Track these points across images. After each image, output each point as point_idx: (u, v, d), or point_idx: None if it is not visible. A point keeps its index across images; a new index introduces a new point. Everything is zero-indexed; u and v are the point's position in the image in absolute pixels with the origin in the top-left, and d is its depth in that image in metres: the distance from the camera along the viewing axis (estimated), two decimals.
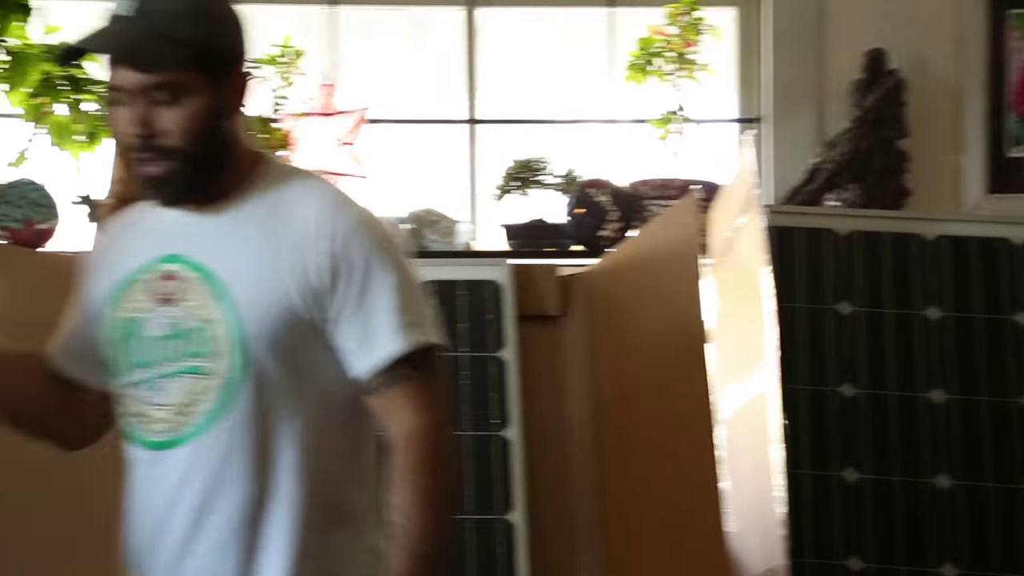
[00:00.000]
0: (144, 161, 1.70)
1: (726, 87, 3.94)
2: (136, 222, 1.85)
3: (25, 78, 3.45)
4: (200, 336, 1.73)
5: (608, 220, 3.39)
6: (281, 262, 1.75)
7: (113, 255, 1.84)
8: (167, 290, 1.75)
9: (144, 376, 1.75)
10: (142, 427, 1.75)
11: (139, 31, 1.66)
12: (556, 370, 2.95)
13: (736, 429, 2.69)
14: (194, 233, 1.77)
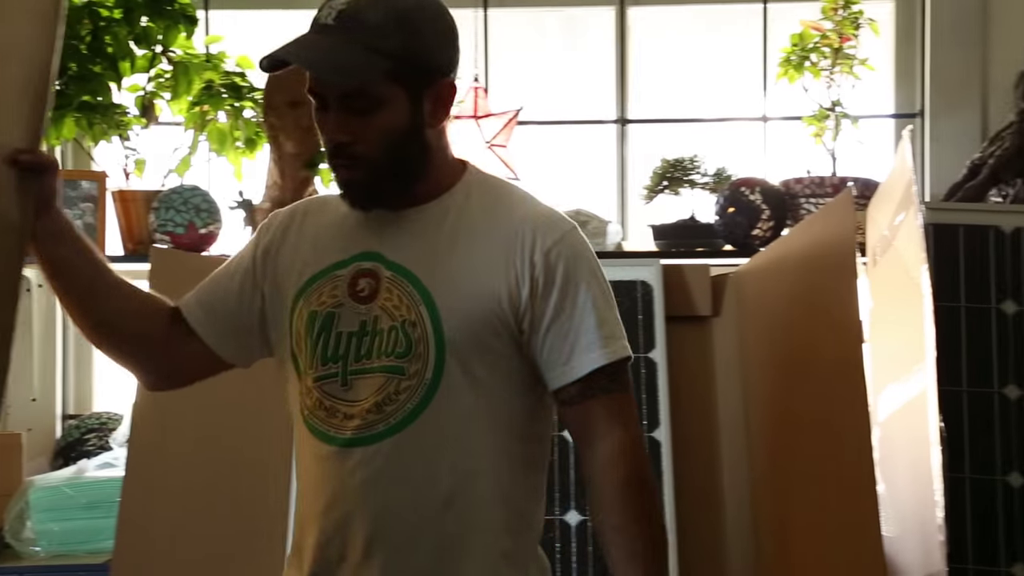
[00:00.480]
0: (338, 166, 1.76)
1: (883, 81, 3.85)
2: (330, 215, 1.86)
3: (187, 87, 3.57)
4: (397, 336, 1.75)
5: (760, 219, 3.34)
6: (487, 270, 1.78)
7: (304, 244, 1.85)
8: (363, 287, 1.77)
9: (334, 371, 1.77)
10: (332, 422, 1.76)
11: (340, 41, 1.69)
12: (706, 371, 2.93)
13: (893, 432, 2.63)
14: (395, 234, 1.79)
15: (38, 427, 3.78)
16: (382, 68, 1.69)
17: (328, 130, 1.74)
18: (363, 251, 1.79)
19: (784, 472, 2.69)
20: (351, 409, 1.75)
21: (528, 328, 1.78)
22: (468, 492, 1.77)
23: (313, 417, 1.77)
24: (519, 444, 1.83)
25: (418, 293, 1.76)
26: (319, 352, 1.77)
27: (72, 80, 3.47)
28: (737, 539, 2.77)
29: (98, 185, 3.55)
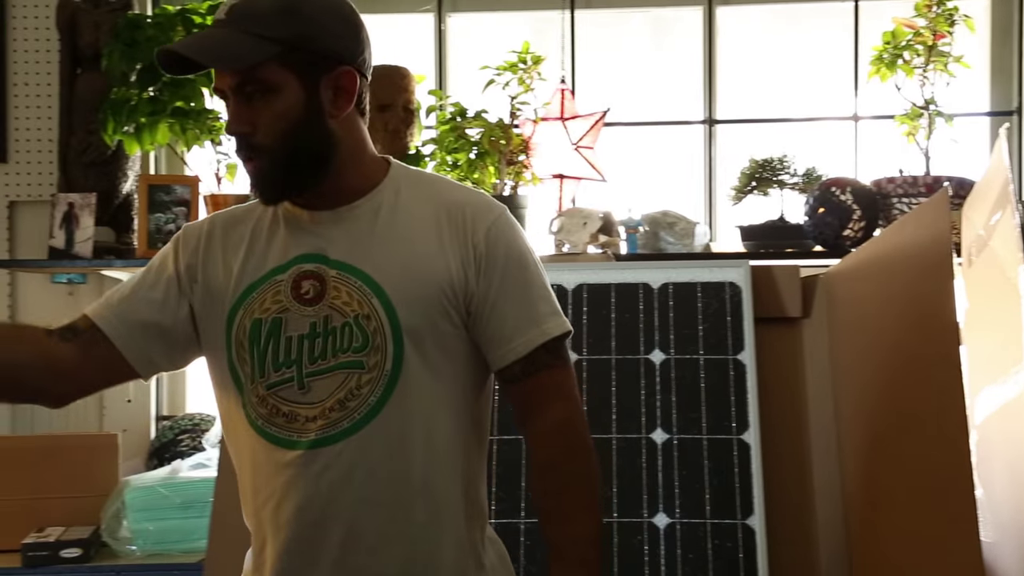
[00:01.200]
0: (243, 159, 1.76)
1: (979, 79, 3.77)
2: (253, 224, 1.85)
3: None
4: (352, 331, 1.76)
5: (851, 220, 3.29)
6: (431, 255, 1.80)
7: (231, 255, 1.83)
8: (307, 290, 1.77)
9: (289, 376, 1.76)
10: (292, 427, 1.75)
11: (229, 32, 1.71)
12: (797, 373, 2.89)
13: (990, 435, 2.57)
14: (334, 234, 1.80)
15: (133, 428, 3.86)
16: (269, 53, 1.71)
17: (228, 123, 1.75)
18: (303, 253, 1.79)
19: (877, 476, 2.65)
20: (312, 411, 1.75)
21: (474, 309, 1.81)
22: (436, 480, 1.79)
23: (270, 425, 1.76)
24: (473, 428, 1.86)
25: (367, 287, 1.77)
26: (269, 359, 1.76)
27: (166, 86, 3.54)
28: (828, 544, 2.73)
29: (191, 189, 3.62)
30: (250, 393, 1.77)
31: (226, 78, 1.73)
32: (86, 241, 3.58)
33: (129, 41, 3.53)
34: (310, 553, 1.76)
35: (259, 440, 1.76)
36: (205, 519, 2.75)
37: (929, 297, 2.52)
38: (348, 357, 1.76)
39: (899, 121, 3.50)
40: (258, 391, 1.76)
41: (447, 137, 3.55)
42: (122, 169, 3.74)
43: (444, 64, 4.05)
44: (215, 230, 1.86)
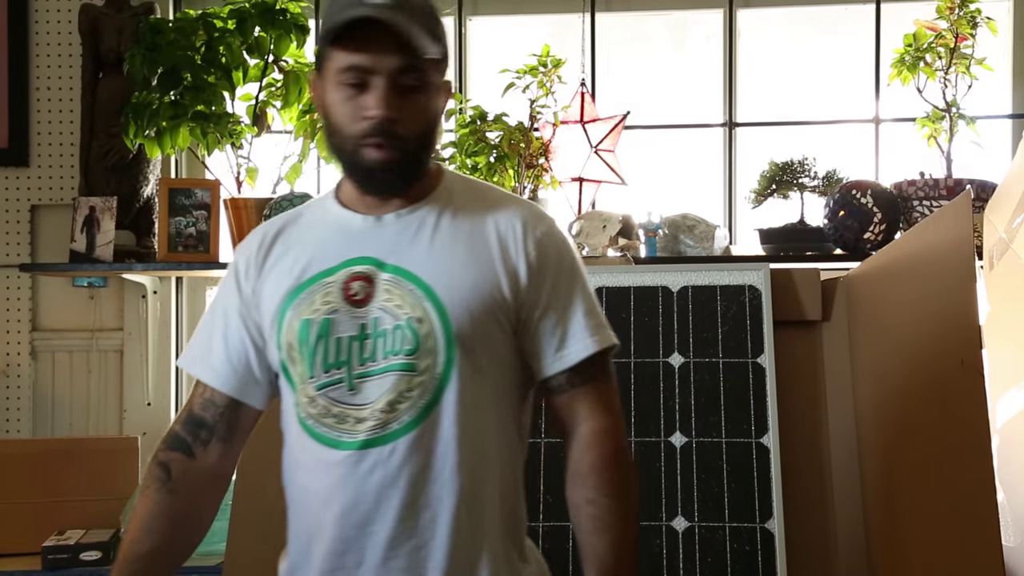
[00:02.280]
0: (377, 146, 1.74)
1: (1001, 81, 3.75)
2: (304, 230, 1.87)
3: (298, 96, 3.62)
4: (403, 334, 1.76)
5: (872, 223, 3.28)
6: (485, 262, 1.81)
7: (284, 261, 1.85)
8: (356, 291, 1.78)
9: (339, 376, 1.77)
10: (342, 428, 1.76)
11: (404, 17, 1.71)
12: (816, 376, 2.88)
13: (1012, 438, 2.56)
14: (387, 238, 1.81)
15: (153, 431, 3.86)
16: (439, 53, 1.77)
17: (370, 106, 1.73)
18: (355, 256, 1.80)
19: (897, 479, 2.63)
20: (361, 412, 1.75)
21: (524, 317, 1.83)
22: (480, 487, 1.79)
23: (320, 425, 1.77)
24: (517, 437, 1.88)
25: (421, 291, 1.78)
26: (319, 359, 1.77)
27: (187, 90, 3.55)
28: (848, 547, 2.72)
29: (211, 193, 3.63)
30: (300, 393, 1.79)
31: (386, 60, 1.72)
32: (107, 244, 3.60)
33: (151, 45, 3.55)
34: (356, 553, 1.77)
35: (308, 439, 1.78)
36: (224, 522, 2.75)
37: (951, 300, 2.51)
38: (399, 359, 1.76)
39: (920, 124, 3.48)
40: (308, 391, 1.78)
41: (467, 140, 3.56)
42: (143, 173, 3.76)
43: (464, 67, 4.05)
44: (264, 241, 1.88)
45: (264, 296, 1.84)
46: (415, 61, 1.73)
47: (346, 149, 1.77)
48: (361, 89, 1.73)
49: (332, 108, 1.76)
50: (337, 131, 1.77)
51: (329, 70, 1.75)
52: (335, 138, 1.78)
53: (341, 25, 1.70)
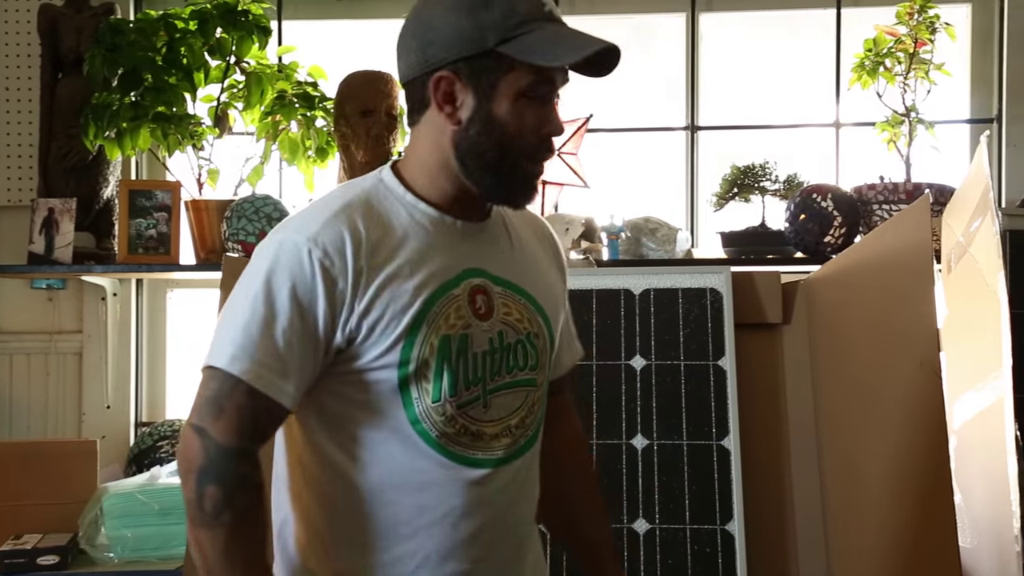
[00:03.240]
0: (541, 160, 1.71)
1: (959, 86, 3.79)
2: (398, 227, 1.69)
3: (260, 97, 3.61)
4: (525, 349, 1.75)
5: (832, 226, 3.30)
6: (551, 275, 1.89)
7: (385, 267, 1.65)
8: (480, 305, 1.71)
9: (476, 394, 1.70)
10: (478, 446, 1.70)
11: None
12: (777, 379, 2.90)
13: (968, 440, 2.58)
14: (484, 248, 1.76)
15: (112, 434, 3.84)
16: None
17: (551, 121, 1.71)
18: (468, 268, 1.71)
19: (857, 481, 2.65)
20: (494, 429, 1.71)
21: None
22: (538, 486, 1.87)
23: (454, 444, 1.68)
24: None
25: (531, 305, 1.78)
26: (461, 377, 1.68)
27: (148, 91, 3.52)
28: (807, 549, 2.73)
29: (172, 195, 3.60)
30: (431, 411, 1.66)
31: (566, 80, 1.75)
32: (66, 247, 3.56)
33: (111, 46, 3.52)
34: (490, 570, 1.74)
35: (436, 458, 1.68)
36: (183, 526, 2.73)
37: (910, 303, 2.53)
38: (525, 375, 1.75)
39: (880, 128, 3.51)
40: (446, 410, 1.66)
41: None
42: (103, 174, 3.73)
43: None
44: (358, 242, 1.64)
45: (376, 311, 1.63)
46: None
47: (510, 158, 1.67)
48: (538, 102, 1.69)
49: (507, 121, 1.66)
50: (505, 144, 1.66)
51: (511, 80, 1.66)
52: (498, 150, 1.67)
53: (585, 57, 1.69)
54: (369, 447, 1.68)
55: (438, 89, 1.67)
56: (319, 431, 1.70)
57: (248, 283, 1.63)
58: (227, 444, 1.58)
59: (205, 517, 1.57)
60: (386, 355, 1.64)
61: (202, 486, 1.57)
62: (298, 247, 1.61)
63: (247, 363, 1.57)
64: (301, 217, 1.68)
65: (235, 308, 1.62)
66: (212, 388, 1.60)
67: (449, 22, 1.66)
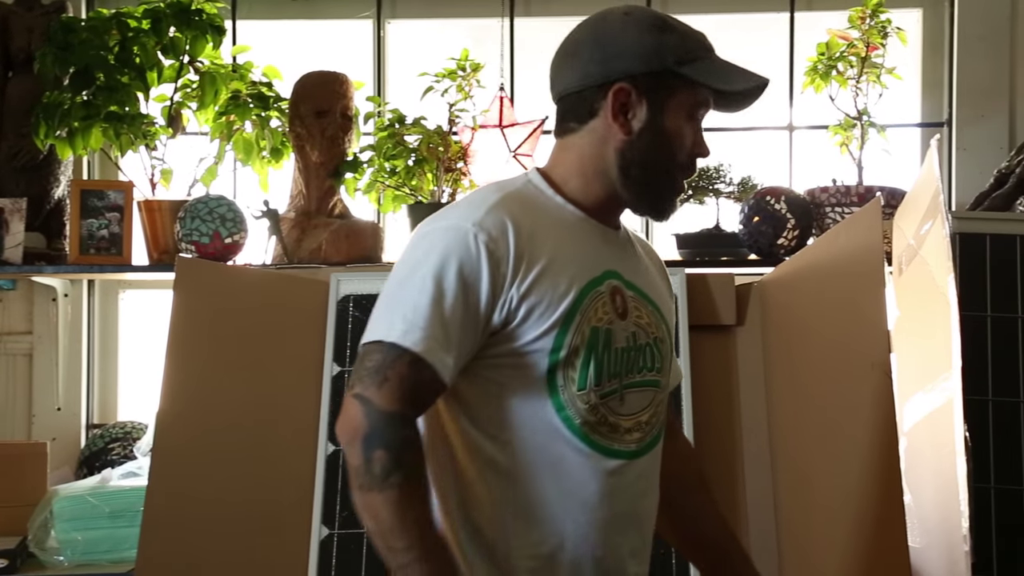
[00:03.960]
0: (687, 176, 1.85)
1: (910, 90, 3.83)
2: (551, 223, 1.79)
3: (214, 97, 3.59)
4: (653, 352, 1.85)
5: (785, 228, 3.32)
6: (666, 292, 1.98)
7: (540, 259, 1.73)
8: (619, 304, 1.80)
9: (615, 387, 1.78)
10: (614, 437, 1.78)
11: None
12: (730, 380, 2.91)
13: (919, 441, 2.60)
14: (617, 252, 1.87)
15: (63, 436, 3.81)
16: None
17: (703, 143, 1.85)
18: (607, 269, 1.81)
19: (808, 481, 2.67)
20: (627, 422, 1.80)
21: None
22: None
23: (594, 433, 1.76)
24: None
25: (656, 312, 1.88)
26: (605, 368, 1.76)
27: (100, 90, 3.49)
28: (761, 550, 2.75)
29: (124, 195, 3.57)
30: (576, 399, 1.74)
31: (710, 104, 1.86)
32: (16, 247, 3.52)
33: (63, 45, 3.49)
34: (611, 558, 1.81)
35: (577, 446, 1.75)
36: (135, 528, 2.72)
37: (861, 305, 2.55)
38: (653, 376, 1.85)
39: (833, 131, 3.54)
40: (590, 399, 1.75)
41: (385, 144, 3.54)
42: (54, 174, 3.69)
43: (382, 70, 4.04)
44: (519, 234, 1.73)
45: (535, 295, 1.72)
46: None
47: (668, 172, 1.82)
48: (696, 123, 1.84)
49: (675, 135, 1.81)
50: (672, 157, 1.81)
51: (682, 98, 1.81)
52: (665, 163, 1.81)
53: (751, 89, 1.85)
54: (514, 430, 1.75)
55: (616, 99, 1.79)
56: (464, 412, 1.77)
57: (415, 265, 1.71)
58: (390, 409, 1.64)
59: (375, 480, 1.62)
60: (540, 340, 1.72)
61: (369, 451, 1.62)
62: (465, 231, 1.70)
63: (417, 335, 1.65)
64: (461, 207, 1.77)
65: (402, 288, 1.71)
66: (375, 360, 1.66)
67: (633, 39, 1.79)
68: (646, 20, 1.81)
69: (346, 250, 3.44)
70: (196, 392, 2.79)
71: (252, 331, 2.88)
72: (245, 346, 2.86)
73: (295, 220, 3.55)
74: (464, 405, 1.77)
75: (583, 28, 1.86)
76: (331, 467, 2.76)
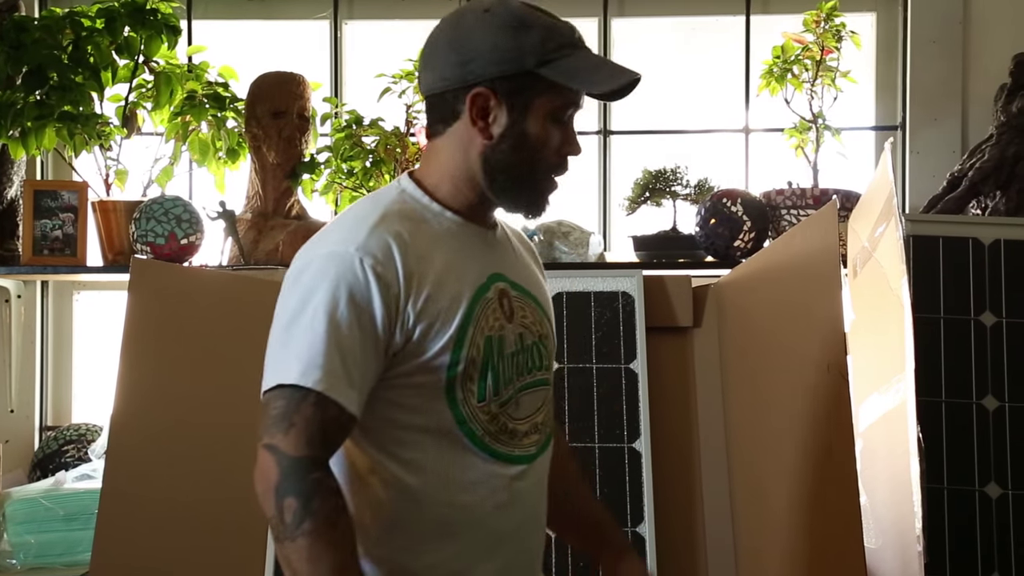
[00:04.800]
0: (560, 175, 1.83)
1: (864, 94, 3.86)
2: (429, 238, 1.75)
3: (169, 97, 3.56)
4: (540, 351, 1.86)
5: (742, 231, 3.34)
6: (542, 281, 1.98)
7: (428, 274, 1.71)
8: (507, 308, 1.80)
9: (511, 393, 1.78)
10: (514, 443, 1.79)
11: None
12: (687, 382, 2.93)
13: (873, 442, 2.63)
14: (500, 253, 1.87)
15: (16, 439, 3.77)
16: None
17: (573, 142, 1.81)
18: (493, 272, 1.81)
19: (765, 483, 2.69)
20: (523, 426, 1.81)
21: None
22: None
23: (496, 442, 1.77)
24: None
25: (539, 309, 1.89)
26: (502, 377, 1.77)
27: (53, 90, 3.46)
28: (717, 550, 2.77)
29: (79, 195, 3.54)
30: (476, 411, 1.74)
31: (581, 104, 1.82)
32: None
33: (15, 44, 3.45)
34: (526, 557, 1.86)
35: (482, 456, 1.76)
36: (89, 532, 2.70)
37: (817, 307, 2.57)
38: (542, 375, 1.86)
39: (788, 134, 3.56)
40: (490, 409, 1.75)
41: (342, 145, 3.53)
42: (7, 174, 3.65)
43: (339, 71, 4.03)
44: (404, 251, 1.70)
45: (428, 312, 1.69)
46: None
47: (537, 174, 1.79)
48: (563, 123, 1.80)
49: (536, 138, 1.76)
50: (535, 160, 1.78)
51: (545, 100, 1.76)
52: (528, 165, 1.78)
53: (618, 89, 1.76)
54: (418, 449, 1.73)
55: (474, 104, 1.74)
56: (367, 436, 1.74)
57: (302, 299, 1.66)
58: (299, 455, 1.59)
59: (287, 530, 1.58)
60: (439, 356, 1.70)
61: (280, 500, 1.58)
62: (349, 257, 1.66)
63: (316, 374, 1.61)
64: (340, 230, 1.72)
65: (293, 326, 1.65)
66: (279, 406, 1.62)
67: (490, 41, 1.73)
68: (504, 18, 1.74)
69: None
70: (151, 394, 2.77)
71: (208, 333, 2.87)
72: (201, 348, 2.85)
73: (252, 221, 3.53)
74: (365, 430, 1.73)
75: (442, 27, 1.80)
76: None
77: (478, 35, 1.74)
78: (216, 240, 3.46)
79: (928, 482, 2.65)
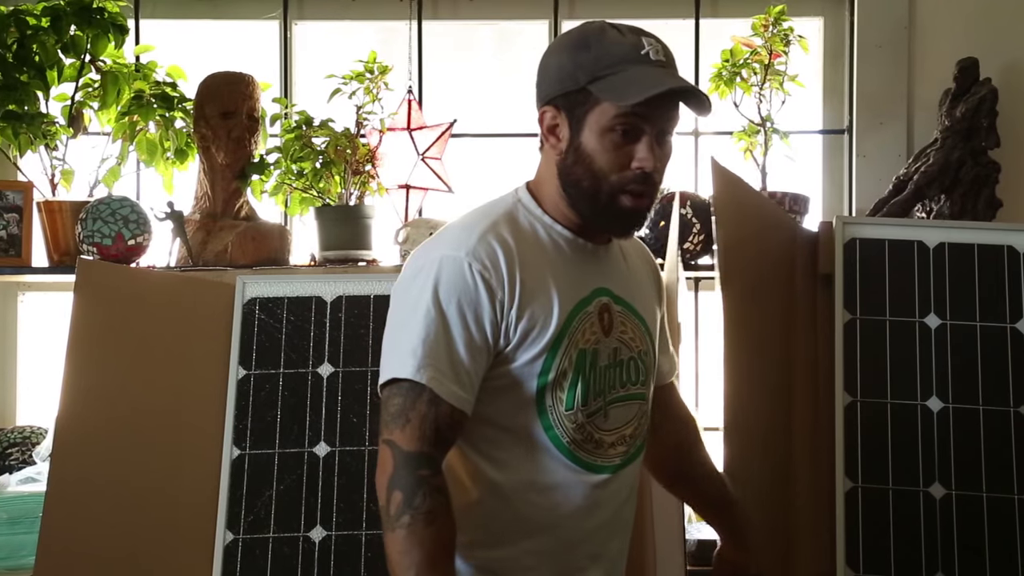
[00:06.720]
0: (637, 195, 1.82)
1: (812, 97, 3.90)
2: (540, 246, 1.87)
3: (116, 97, 3.53)
4: (637, 366, 1.92)
5: (691, 233, 3.36)
6: (653, 297, 2.04)
7: (538, 282, 1.82)
8: (606, 322, 1.87)
9: (599, 405, 1.85)
10: (598, 452, 1.86)
11: (678, 76, 1.85)
12: None
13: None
14: (609, 270, 1.93)
15: None
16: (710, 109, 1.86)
17: (641, 157, 1.80)
18: (597, 287, 1.88)
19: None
20: (610, 437, 1.88)
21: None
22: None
23: (580, 450, 1.85)
24: None
25: (642, 326, 1.95)
26: (591, 388, 1.84)
27: None
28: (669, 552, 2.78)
29: (24, 195, 3.50)
30: (563, 419, 1.83)
31: (662, 118, 1.80)
32: None
33: None
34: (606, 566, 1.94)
35: (564, 462, 1.85)
36: (33, 535, 2.67)
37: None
38: (637, 389, 1.92)
39: (737, 137, 3.59)
40: (577, 418, 1.83)
41: (292, 146, 3.51)
42: None
43: (289, 72, 4.01)
44: (510, 259, 1.81)
45: (528, 319, 1.80)
46: (677, 120, 1.84)
47: (602, 193, 1.82)
48: (628, 138, 1.80)
49: (594, 153, 1.80)
50: (596, 175, 1.81)
51: (597, 116, 1.80)
52: (591, 181, 1.82)
53: (655, 96, 1.75)
54: (505, 449, 1.85)
55: (543, 121, 1.90)
56: (462, 439, 1.84)
57: (415, 300, 1.78)
58: (411, 450, 1.72)
59: (390, 520, 1.71)
60: (533, 363, 1.81)
61: (390, 492, 1.72)
62: (459, 262, 1.78)
63: (430, 371, 1.73)
64: (452, 234, 1.84)
65: (407, 324, 1.78)
66: (397, 403, 1.75)
67: (556, 62, 1.87)
68: (572, 38, 1.85)
69: (252, 253, 3.41)
70: (97, 396, 2.75)
71: (156, 334, 2.84)
72: (148, 349, 2.82)
73: (200, 222, 3.50)
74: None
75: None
76: (236, 472, 2.73)
77: (553, 58, 1.88)
78: (164, 241, 3.43)
79: (873, 482, 2.67)
